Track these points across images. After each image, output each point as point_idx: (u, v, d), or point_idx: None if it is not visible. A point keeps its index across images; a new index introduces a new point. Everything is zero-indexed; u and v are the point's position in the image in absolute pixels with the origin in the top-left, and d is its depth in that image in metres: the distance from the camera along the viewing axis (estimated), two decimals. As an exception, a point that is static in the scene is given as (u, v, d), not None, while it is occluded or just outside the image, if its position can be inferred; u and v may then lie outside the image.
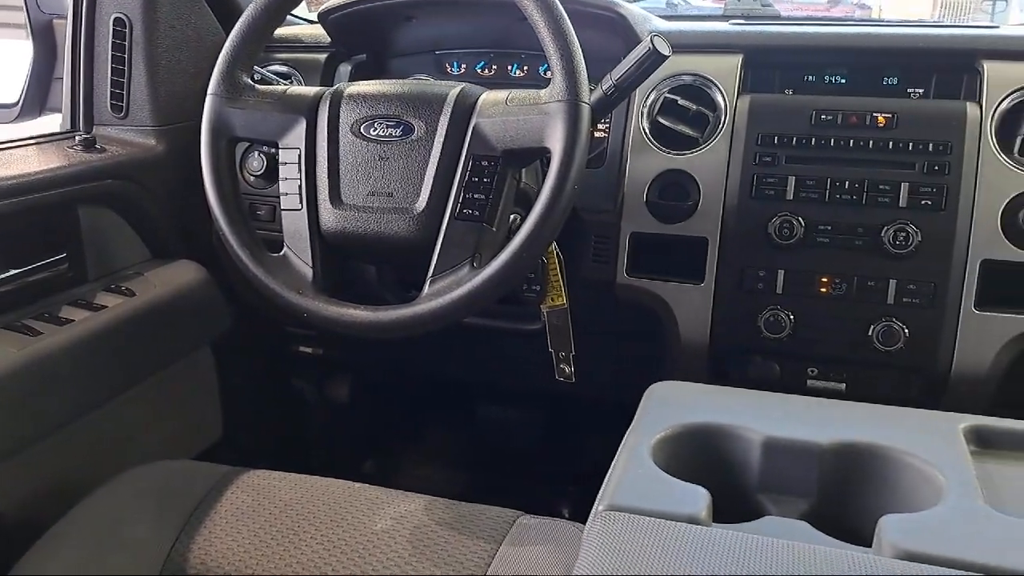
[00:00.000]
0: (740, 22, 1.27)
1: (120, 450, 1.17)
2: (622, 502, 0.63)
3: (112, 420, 1.15)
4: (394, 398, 1.84)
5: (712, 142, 1.13)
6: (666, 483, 0.66)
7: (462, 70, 1.37)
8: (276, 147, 0.99)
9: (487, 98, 0.94)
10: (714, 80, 1.15)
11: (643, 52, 0.89)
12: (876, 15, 5.38)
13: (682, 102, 1.14)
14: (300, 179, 0.97)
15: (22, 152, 1.19)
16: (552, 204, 0.86)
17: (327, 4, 1.28)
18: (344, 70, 1.34)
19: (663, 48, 0.89)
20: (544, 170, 0.89)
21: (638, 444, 0.71)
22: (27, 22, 1.45)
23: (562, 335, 1.04)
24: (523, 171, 0.97)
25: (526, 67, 1.33)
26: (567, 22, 0.87)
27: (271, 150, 1.19)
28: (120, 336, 1.13)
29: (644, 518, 0.61)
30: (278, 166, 0.99)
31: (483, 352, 1.46)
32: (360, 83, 1.01)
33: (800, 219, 1.08)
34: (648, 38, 0.89)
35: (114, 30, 1.26)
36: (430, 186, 0.93)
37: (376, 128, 0.96)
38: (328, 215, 0.96)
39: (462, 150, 0.92)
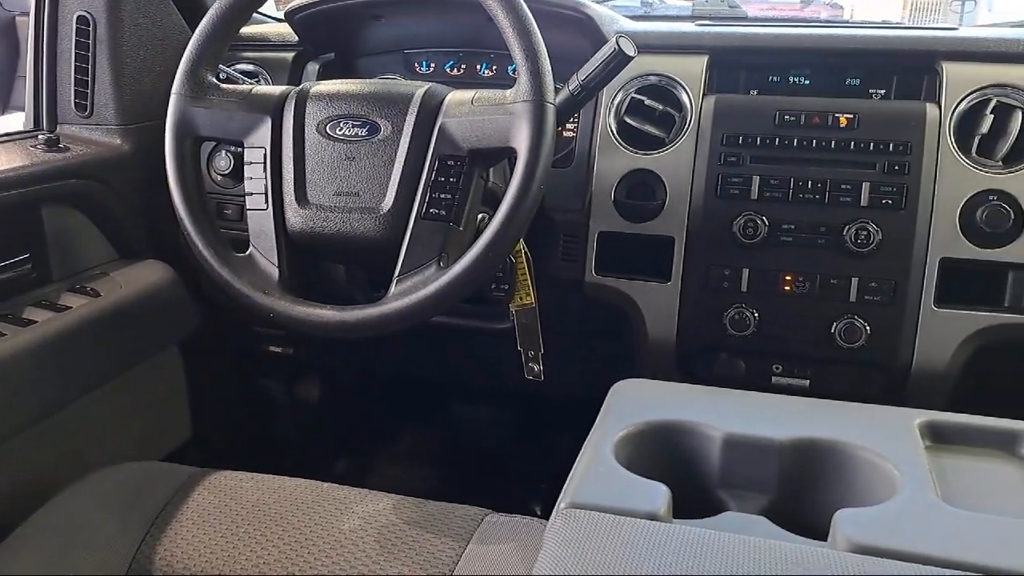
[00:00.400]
0: (706, 23, 1.28)
1: (87, 451, 1.16)
2: (583, 500, 0.64)
3: (79, 421, 1.14)
4: (364, 398, 1.83)
5: (678, 142, 1.14)
6: (627, 480, 0.67)
7: (431, 69, 1.36)
8: (242, 146, 0.99)
9: (453, 98, 0.94)
10: (680, 80, 1.16)
11: (609, 52, 0.90)
12: (848, 16, 5.45)
13: (648, 102, 1.15)
14: (266, 179, 0.96)
15: (-16, 151, 1.18)
16: (518, 204, 0.86)
17: (294, 2, 1.27)
18: (312, 69, 1.33)
19: (628, 49, 0.90)
20: (511, 170, 0.90)
21: (601, 442, 0.71)
22: (-11, 19, 1.43)
23: (531, 334, 1.05)
24: (491, 171, 0.98)
25: (495, 67, 1.33)
26: (532, 22, 0.87)
27: (237, 149, 1.18)
28: (85, 337, 1.12)
29: (605, 515, 0.62)
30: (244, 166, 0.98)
31: (453, 351, 1.46)
32: (326, 82, 1.01)
33: (764, 218, 1.09)
34: (614, 39, 0.90)
35: (77, 28, 1.25)
36: (396, 186, 0.93)
37: (342, 128, 0.96)
38: (294, 215, 0.96)
39: (428, 150, 0.92)
